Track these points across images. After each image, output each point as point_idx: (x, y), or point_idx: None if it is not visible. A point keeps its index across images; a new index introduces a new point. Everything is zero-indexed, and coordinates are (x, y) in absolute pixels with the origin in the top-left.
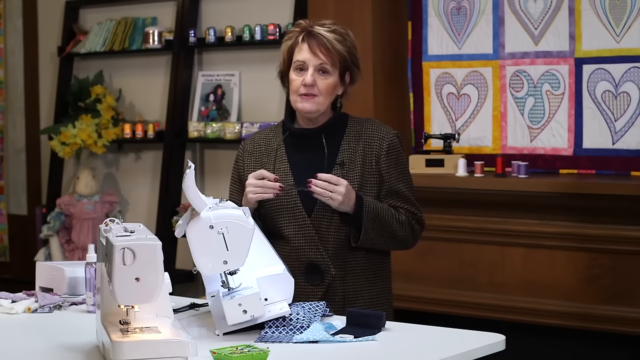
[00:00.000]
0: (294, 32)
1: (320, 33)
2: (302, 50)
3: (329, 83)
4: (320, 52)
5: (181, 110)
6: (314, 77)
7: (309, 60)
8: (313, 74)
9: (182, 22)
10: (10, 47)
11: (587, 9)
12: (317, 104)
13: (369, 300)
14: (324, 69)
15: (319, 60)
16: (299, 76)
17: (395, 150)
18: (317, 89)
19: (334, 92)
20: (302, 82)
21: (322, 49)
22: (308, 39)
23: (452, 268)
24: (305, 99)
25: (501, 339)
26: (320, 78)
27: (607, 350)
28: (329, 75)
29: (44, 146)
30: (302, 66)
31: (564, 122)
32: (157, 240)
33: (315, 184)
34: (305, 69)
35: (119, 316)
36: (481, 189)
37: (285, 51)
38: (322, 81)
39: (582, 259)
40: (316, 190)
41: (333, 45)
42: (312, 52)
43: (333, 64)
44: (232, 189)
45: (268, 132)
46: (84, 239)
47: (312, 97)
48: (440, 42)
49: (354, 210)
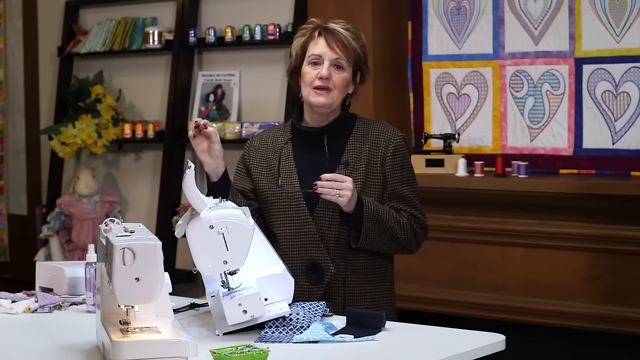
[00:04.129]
0: (307, 28)
1: (337, 29)
2: (319, 44)
3: (344, 78)
4: (337, 47)
5: (181, 110)
6: (330, 70)
7: (325, 54)
8: (329, 67)
9: (182, 22)
10: (10, 47)
11: (587, 9)
12: (331, 98)
13: (371, 302)
14: (339, 64)
15: (336, 54)
16: (313, 69)
17: (401, 153)
18: (332, 82)
19: (347, 89)
20: (318, 75)
21: (339, 44)
22: (325, 34)
23: (452, 268)
24: (319, 93)
25: (501, 339)
26: (336, 72)
27: (607, 350)
28: (344, 71)
29: (44, 146)
30: (317, 60)
31: (564, 122)
32: (157, 240)
33: (322, 185)
34: (320, 62)
35: (119, 316)
36: (481, 189)
37: (299, 46)
38: (337, 75)
39: (582, 259)
40: (323, 192)
41: (349, 41)
42: (329, 46)
43: (348, 60)
44: (236, 179)
45: (276, 131)
46: (84, 239)
47: (327, 91)
48: (440, 42)
49: (354, 212)
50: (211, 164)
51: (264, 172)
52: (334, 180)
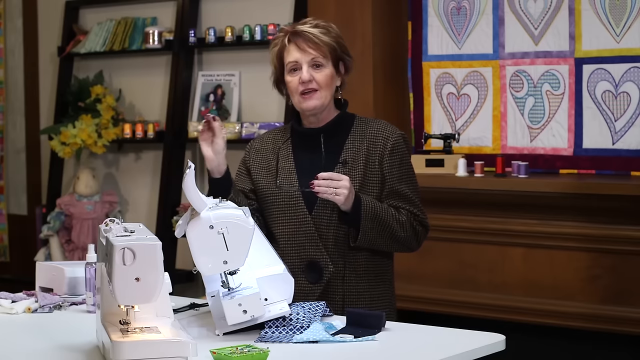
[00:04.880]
0: (279, 37)
1: (304, 30)
2: (291, 51)
3: (326, 74)
4: (309, 48)
5: (181, 110)
6: (310, 72)
7: (300, 58)
8: (308, 70)
9: (182, 22)
10: (10, 47)
11: (587, 9)
12: (320, 99)
13: (370, 301)
14: (318, 63)
15: (310, 55)
16: (294, 76)
17: (400, 151)
18: (315, 83)
19: (333, 84)
20: (300, 80)
21: (310, 44)
22: (294, 39)
23: (452, 268)
24: (307, 97)
25: (501, 339)
26: (316, 72)
27: (607, 350)
28: (324, 68)
29: (44, 146)
30: (295, 66)
31: (564, 122)
32: (157, 240)
33: (318, 184)
34: (298, 68)
35: (119, 316)
36: (481, 189)
37: (275, 57)
38: (318, 74)
39: (582, 259)
40: (320, 190)
41: (319, 38)
42: (301, 50)
43: (324, 56)
44: (237, 179)
45: (277, 133)
46: (84, 239)
47: (314, 92)
48: (440, 42)
49: (352, 210)
50: (213, 160)
51: (263, 172)
52: (330, 179)
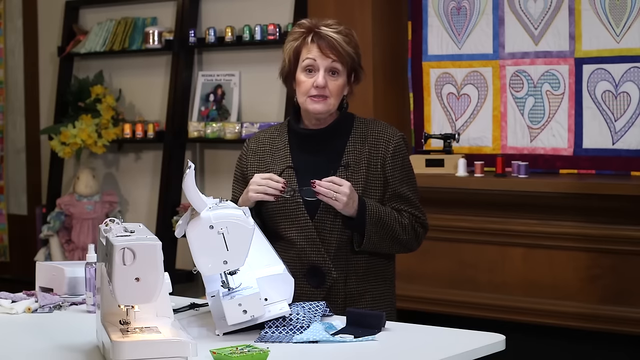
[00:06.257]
0: (299, 32)
1: (329, 35)
2: (312, 51)
3: (339, 84)
4: (331, 54)
5: (181, 110)
6: (325, 78)
7: (319, 62)
8: (324, 75)
9: (182, 22)
10: (10, 47)
11: (587, 9)
12: (328, 105)
13: (371, 302)
14: (335, 70)
15: (330, 60)
16: (308, 77)
17: (401, 153)
18: (328, 90)
19: (343, 93)
20: (314, 83)
21: (333, 50)
22: (317, 41)
23: (452, 268)
24: (316, 100)
25: (501, 339)
26: (331, 79)
27: (607, 350)
28: (339, 77)
29: (44, 146)
30: (311, 67)
31: (564, 122)
32: (157, 240)
33: (320, 184)
34: (314, 70)
35: (119, 316)
36: (481, 189)
37: (291, 52)
38: (333, 82)
39: (582, 259)
40: (320, 191)
41: (343, 46)
42: (322, 53)
43: (343, 65)
44: (235, 187)
45: (273, 131)
46: (84, 239)
47: (324, 98)
48: (440, 42)
49: (356, 214)
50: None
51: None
52: (332, 183)
